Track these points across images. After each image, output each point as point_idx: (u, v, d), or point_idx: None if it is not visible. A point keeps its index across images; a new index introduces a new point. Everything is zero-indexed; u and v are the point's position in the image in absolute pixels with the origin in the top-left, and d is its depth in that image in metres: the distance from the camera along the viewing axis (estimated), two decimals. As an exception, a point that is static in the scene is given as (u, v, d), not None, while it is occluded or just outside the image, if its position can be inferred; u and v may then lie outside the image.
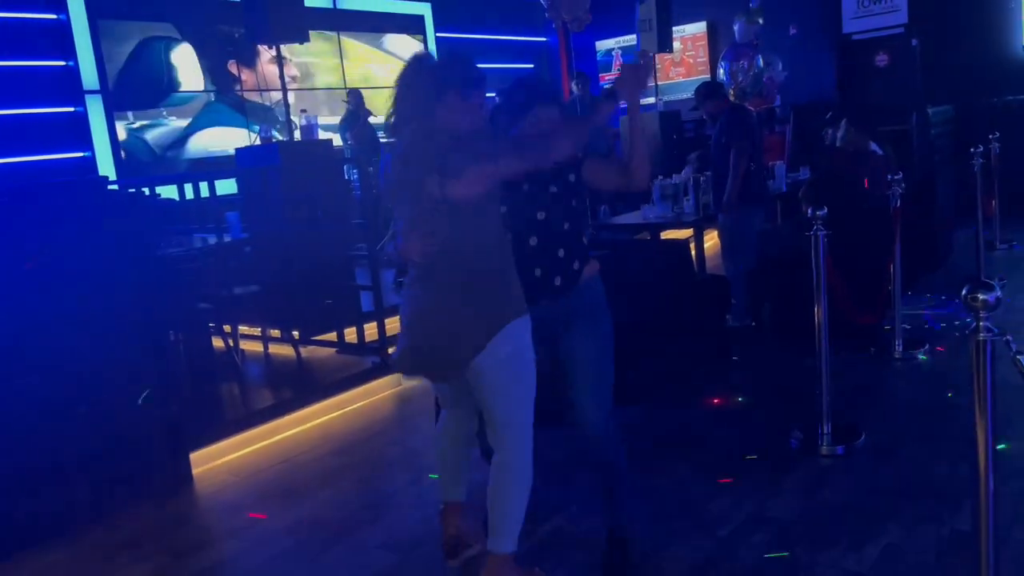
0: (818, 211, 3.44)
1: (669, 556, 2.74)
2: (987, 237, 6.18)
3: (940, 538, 2.67)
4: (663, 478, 3.32)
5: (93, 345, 3.48)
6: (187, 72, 8.79)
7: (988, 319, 1.80)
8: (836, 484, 3.15)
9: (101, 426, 3.49)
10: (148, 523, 3.42)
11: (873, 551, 2.64)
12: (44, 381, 3.33)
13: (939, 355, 4.44)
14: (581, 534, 2.96)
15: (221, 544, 3.23)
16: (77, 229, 3.48)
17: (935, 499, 2.91)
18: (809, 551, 2.69)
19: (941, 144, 7.92)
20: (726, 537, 2.83)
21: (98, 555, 3.18)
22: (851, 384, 4.06)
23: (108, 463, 3.51)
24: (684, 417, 3.98)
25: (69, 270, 3.42)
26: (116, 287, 3.58)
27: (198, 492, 3.71)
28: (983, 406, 1.81)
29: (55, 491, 3.36)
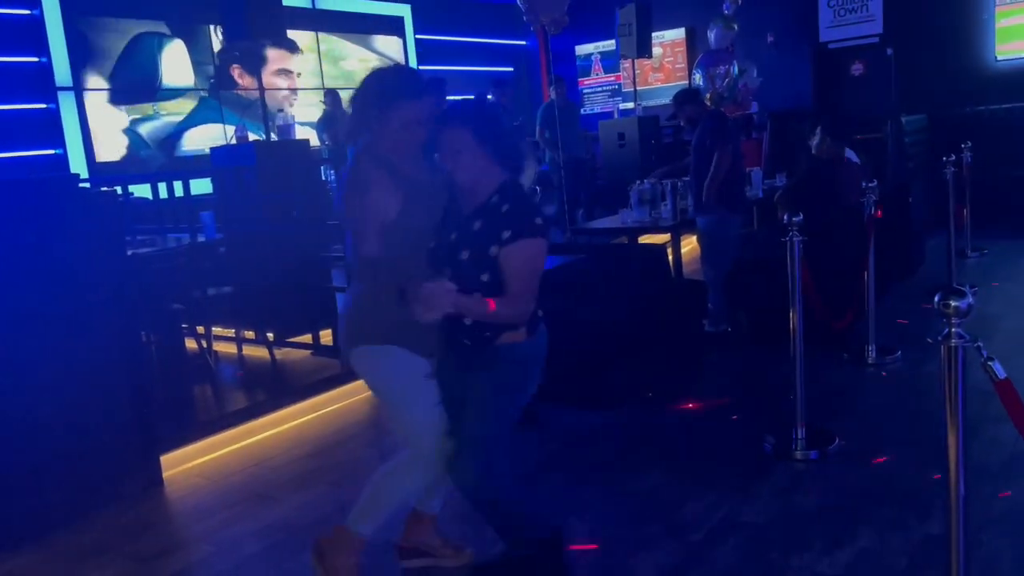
0: (794, 217, 3.46)
1: (641, 561, 2.73)
2: (959, 245, 6.25)
3: (912, 542, 2.68)
4: (636, 482, 3.32)
5: (63, 346, 3.41)
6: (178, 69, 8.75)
7: (959, 325, 1.81)
8: (809, 488, 3.16)
9: (71, 429, 3.42)
10: (116, 527, 3.36)
11: (846, 555, 2.65)
12: (12, 383, 3.26)
13: (911, 361, 4.48)
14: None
15: (189, 549, 3.18)
16: (46, 227, 3.42)
17: (907, 504, 2.93)
18: (782, 555, 2.69)
19: (915, 152, 8.02)
20: (699, 541, 2.83)
21: (65, 559, 3.12)
22: (825, 389, 4.09)
23: (78, 466, 3.44)
24: (658, 421, 3.99)
25: (37, 269, 3.36)
26: (86, 287, 3.51)
27: (168, 495, 3.66)
28: (954, 411, 1.82)
29: (23, 494, 3.29)
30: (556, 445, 3.79)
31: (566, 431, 3.95)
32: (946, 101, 8.57)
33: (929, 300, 5.64)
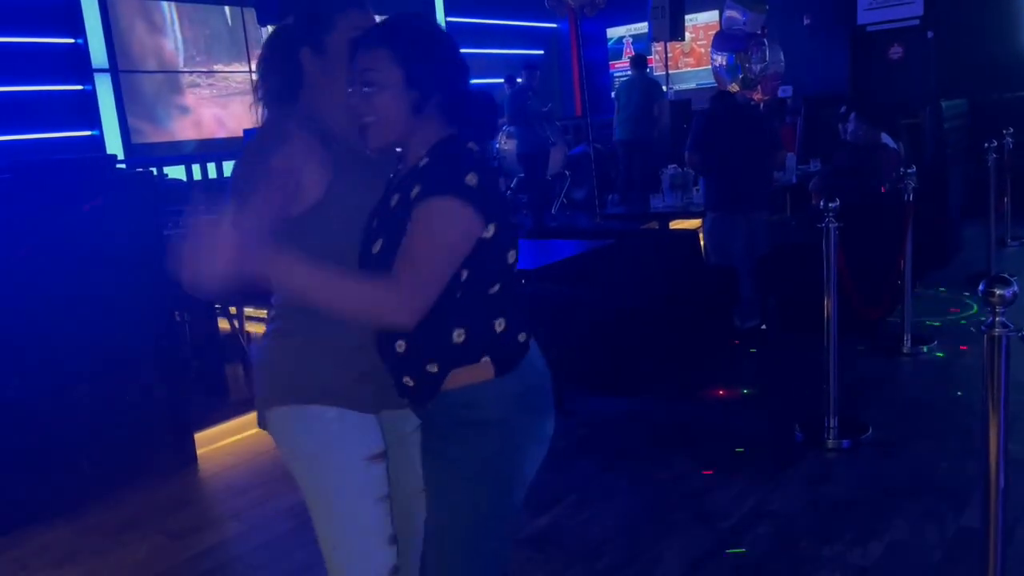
0: (830, 203, 3.40)
1: (668, 548, 2.72)
2: (998, 233, 6.12)
3: (945, 535, 2.64)
4: (664, 470, 3.30)
5: (99, 325, 3.47)
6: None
7: (1004, 314, 1.77)
8: (841, 479, 3.12)
9: (106, 406, 3.48)
10: (150, 503, 3.42)
11: (878, 547, 2.62)
12: (50, 360, 3.32)
13: (948, 351, 4.40)
14: (578, 526, 2.94)
15: (222, 525, 3.23)
16: (83, 205, 3.46)
17: (941, 496, 2.88)
18: (813, 545, 2.67)
19: (954, 139, 7.85)
20: (727, 530, 2.81)
21: (99, 534, 3.18)
22: (858, 379, 4.04)
23: (112, 443, 3.51)
24: (687, 408, 3.96)
25: (75, 249, 3.41)
26: (122, 267, 3.56)
27: (201, 473, 3.71)
28: (996, 402, 1.79)
29: (59, 470, 3.36)
30: (584, 431, 3.78)
31: (594, 417, 3.94)
32: (987, 86, 8.37)
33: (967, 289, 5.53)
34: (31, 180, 3.41)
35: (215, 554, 3.00)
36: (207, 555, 2.98)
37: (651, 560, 2.67)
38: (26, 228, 3.28)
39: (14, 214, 3.27)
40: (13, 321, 3.23)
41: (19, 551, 3.10)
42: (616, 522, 2.93)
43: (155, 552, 3.02)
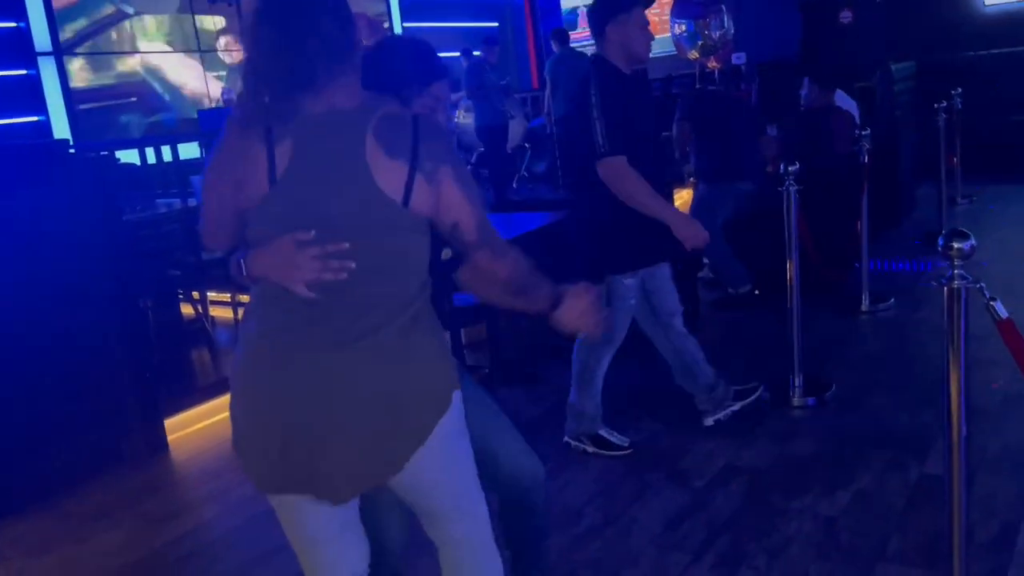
0: (790, 167, 3.46)
1: (646, 508, 2.79)
2: (949, 192, 6.28)
3: (909, 483, 2.74)
4: (637, 433, 3.36)
5: (62, 314, 3.41)
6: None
7: (962, 267, 1.83)
8: (807, 434, 3.22)
9: (72, 394, 3.44)
10: (123, 490, 3.39)
11: (845, 496, 2.71)
12: (13, 351, 3.26)
13: (905, 307, 4.53)
14: (555, 492, 2.98)
15: (198, 509, 3.22)
16: (39, 194, 3.38)
17: (903, 446, 2.99)
18: (783, 498, 2.75)
19: (904, 100, 7.99)
20: (701, 488, 2.89)
21: (73, 522, 3.16)
22: (820, 338, 4.13)
23: (83, 431, 3.46)
24: (656, 372, 4.01)
25: (32, 238, 3.33)
26: (83, 254, 3.50)
27: (174, 458, 3.69)
28: (956, 352, 1.85)
29: (30, 460, 3.32)
30: (557, 399, 3.82)
31: (566, 385, 3.97)
32: (935, 48, 8.52)
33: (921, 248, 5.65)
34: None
35: (191, 538, 2.99)
36: (183, 539, 2.98)
37: (628, 521, 2.73)
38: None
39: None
40: (-29, 313, 3.17)
41: (-8, 544, 3.06)
42: (592, 486, 2.99)
43: (131, 538, 3.00)
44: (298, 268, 1.44)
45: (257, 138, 1.48)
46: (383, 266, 1.50)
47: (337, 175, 1.47)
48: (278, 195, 1.48)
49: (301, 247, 1.44)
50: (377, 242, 1.48)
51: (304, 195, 1.47)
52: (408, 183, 1.47)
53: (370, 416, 1.50)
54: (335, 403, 1.48)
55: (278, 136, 1.47)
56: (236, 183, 1.51)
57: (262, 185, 1.48)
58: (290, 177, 1.47)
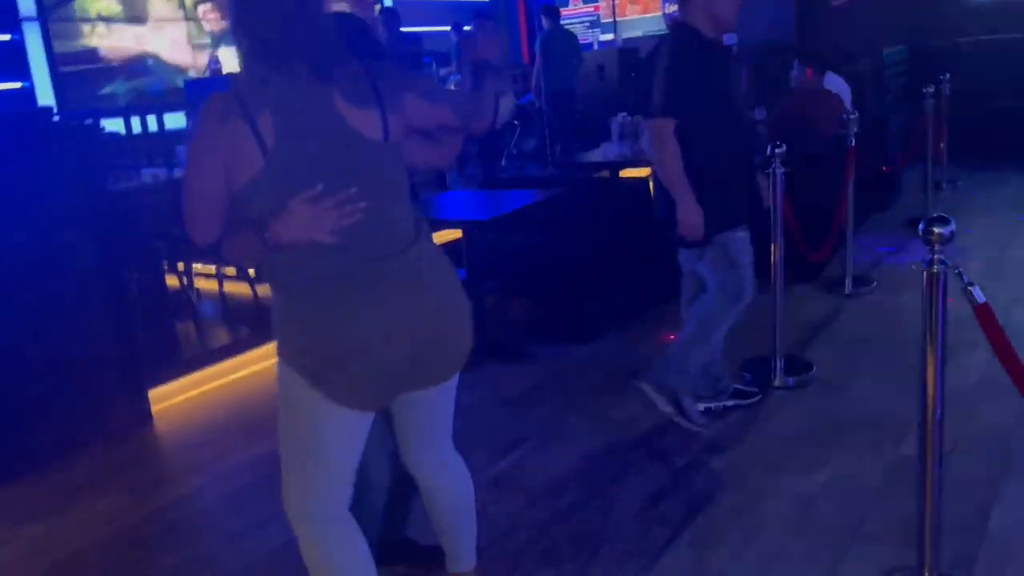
0: (777, 148, 3.47)
1: (626, 486, 2.82)
2: (935, 177, 6.32)
3: (886, 463, 2.79)
4: (620, 411, 3.39)
5: (45, 284, 3.39)
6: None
7: (942, 252, 1.85)
8: (787, 415, 3.26)
9: (56, 365, 3.42)
10: (108, 461, 3.40)
11: (823, 476, 2.76)
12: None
13: (887, 291, 4.57)
14: (538, 467, 3.02)
15: (181, 481, 3.23)
16: (22, 163, 3.35)
17: (881, 428, 3.03)
18: (761, 478, 2.79)
19: (894, 85, 8.01)
20: (682, 466, 2.92)
21: (58, 493, 3.17)
22: (803, 320, 4.17)
23: (66, 403, 3.46)
24: (642, 352, 4.05)
25: (15, 207, 3.30)
26: (67, 224, 3.47)
27: (157, 430, 3.69)
28: (934, 336, 1.88)
29: (13, 432, 3.31)
30: (542, 377, 3.86)
31: (552, 363, 4.01)
32: (928, 34, 8.53)
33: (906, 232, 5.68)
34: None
35: (176, 509, 3.01)
36: (168, 510, 2.99)
37: (610, 497, 2.77)
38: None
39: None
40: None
41: (-25, 512, 3.07)
42: (575, 463, 3.02)
43: (116, 509, 3.01)
44: (320, 221, 1.61)
45: (237, 116, 1.59)
46: (386, 194, 1.72)
47: (321, 135, 1.64)
48: (273, 166, 1.60)
49: (315, 203, 1.60)
50: (376, 178, 1.70)
51: (298, 160, 1.62)
52: (384, 122, 1.69)
53: (441, 316, 1.78)
54: (416, 304, 1.73)
55: (256, 111, 1.59)
56: (223, 162, 1.61)
57: (255, 160, 1.59)
58: (281, 148, 1.60)
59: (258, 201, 1.63)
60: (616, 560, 2.42)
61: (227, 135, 1.59)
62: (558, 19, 8.27)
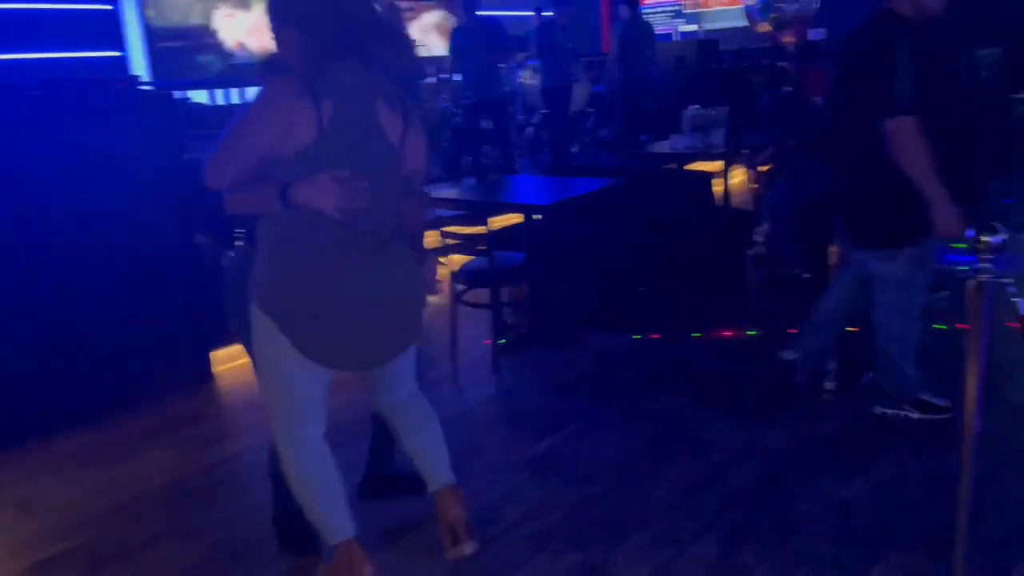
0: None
1: (663, 477, 2.83)
2: (1022, 186, 6.04)
3: (930, 474, 2.73)
4: (664, 404, 3.40)
5: (123, 244, 3.58)
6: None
7: (991, 261, 1.81)
8: (834, 419, 3.21)
9: (130, 321, 3.63)
10: (170, 415, 3.58)
11: (863, 482, 2.72)
12: (77, 277, 3.45)
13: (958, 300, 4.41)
14: (575, 453, 3.06)
15: (236, 438, 3.38)
16: (109, 128, 3.54)
17: (929, 437, 2.96)
18: (801, 478, 2.77)
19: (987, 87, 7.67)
20: (719, 463, 2.92)
21: (124, 441, 3.36)
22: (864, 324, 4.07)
23: (136, 357, 3.67)
24: (692, 348, 4.04)
25: (100, 169, 3.49)
26: (145, 188, 3.65)
27: (218, 389, 3.87)
28: (976, 345, 1.84)
29: (87, 380, 3.53)
30: (590, 365, 3.89)
31: (600, 352, 4.03)
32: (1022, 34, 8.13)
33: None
34: (55, 97, 3.47)
35: (229, 465, 3.16)
36: (222, 465, 3.15)
37: (643, 487, 2.78)
38: (51, 145, 3.36)
39: (39, 130, 3.35)
40: (43, 241, 3.34)
41: (49, 455, 3.28)
42: (613, 451, 3.04)
43: (174, 460, 3.19)
44: (334, 198, 1.89)
45: (307, 97, 1.88)
46: (387, 194, 2.04)
47: (363, 129, 1.97)
48: (324, 141, 1.91)
49: (338, 182, 1.88)
50: (387, 178, 2.02)
51: (344, 143, 1.94)
52: (403, 135, 2.03)
53: (405, 303, 2.14)
54: (389, 290, 2.07)
55: (322, 96, 1.89)
56: (283, 135, 1.89)
57: (309, 134, 1.89)
58: (334, 128, 1.92)
59: (298, 166, 1.90)
60: (644, 547, 2.45)
61: (293, 110, 1.87)
62: (637, 8, 8.19)
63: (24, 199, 3.30)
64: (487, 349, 3.94)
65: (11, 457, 3.25)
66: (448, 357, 4.03)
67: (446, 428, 2.84)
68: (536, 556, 2.43)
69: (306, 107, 1.87)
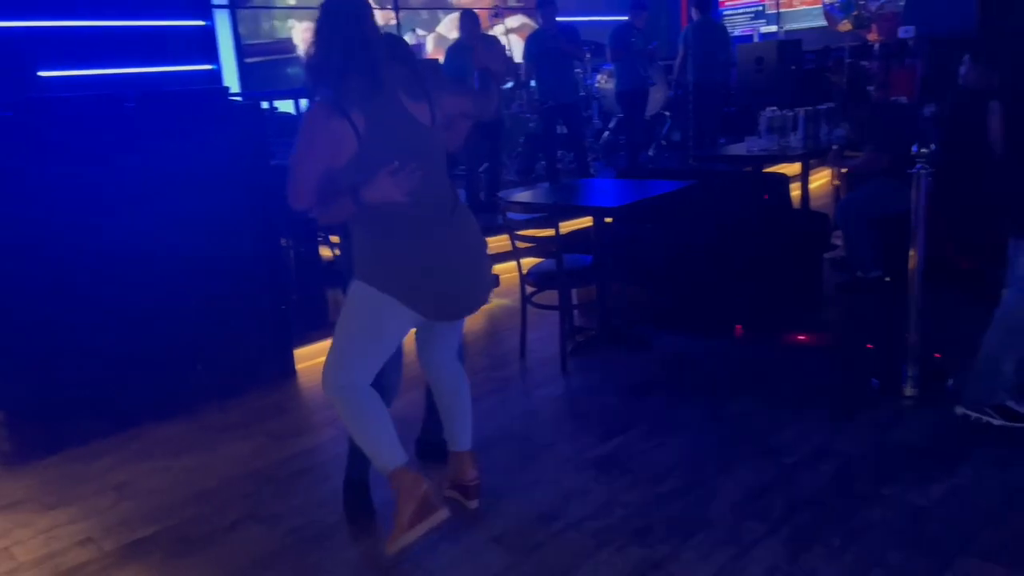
0: (923, 148, 3.32)
1: (729, 478, 2.83)
2: None
3: (1009, 483, 2.64)
4: (735, 407, 3.38)
5: (213, 245, 3.78)
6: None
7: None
8: (912, 425, 3.13)
9: (218, 319, 3.82)
10: (254, 408, 3.76)
11: (939, 489, 2.65)
12: (169, 276, 3.66)
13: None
14: (643, 453, 3.07)
15: (316, 432, 3.53)
16: (200, 136, 3.74)
17: (1012, 446, 2.86)
18: (873, 484, 2.72)
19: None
20: (789, 465, 2.89)
21: (210, 431, 3.55)
22: (947, 329, 3.95)
23: (223, 352, 3.86)
24: (766, 351, 3.99)
25: (191, 174, 3.69)
26: (234, 193, 3.85)
27: (300, 384, 4.04)
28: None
29: (178, 374, 3.74)
30: (660, 366, 3.89)
31: (671, 354, 4.03)
32: None
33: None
34: (153, 109, 3.70)
35: (309, 455, 3.30)
36: (302, 456, 3.29)
37: (711, 488, 2.78)
38: (149, 154, 3.58)
39: (138, 140, 3.58)
40: (137, 241, 3.56)
41: (143, 442, 3.50)
42: (681, 452, 3.05)
43: (257, 450, 3.35)
44: (397, 186, 2.23)
45: (338, 116, 2.24)
46: (437, 166, 2.43)
47: (396, 123, 2.33)
48: (366, 149, 2.28)
49: (393, 174, 2.22)
50: (427, 154, 2.37)
51: (381, 143, 2.29)
52: (432, 113, 2.40)
53: (478, 259, 2.55)
54: (463, 246, 2.48)
55: (350, 111, 2.25)
56: (331, 151, 2.26)
57: (352, 145, 2.26)
58: (370, 134, 2.27)
59: (355, 172, 2.27)
60: (708, 547, 2.45)
61: (333, 130, 2.24)
62: (708, 11, 8.10)
63: (126, 205, 3.52)
64: (556, 350, 3.99)
65: (111, 444, 3.48)
66: (518, 357, 4.10)
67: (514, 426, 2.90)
68: (598, 552, 2.46)
69: (342, 125, 2.24)
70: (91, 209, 3.43)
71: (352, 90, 2.26)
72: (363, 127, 2.26)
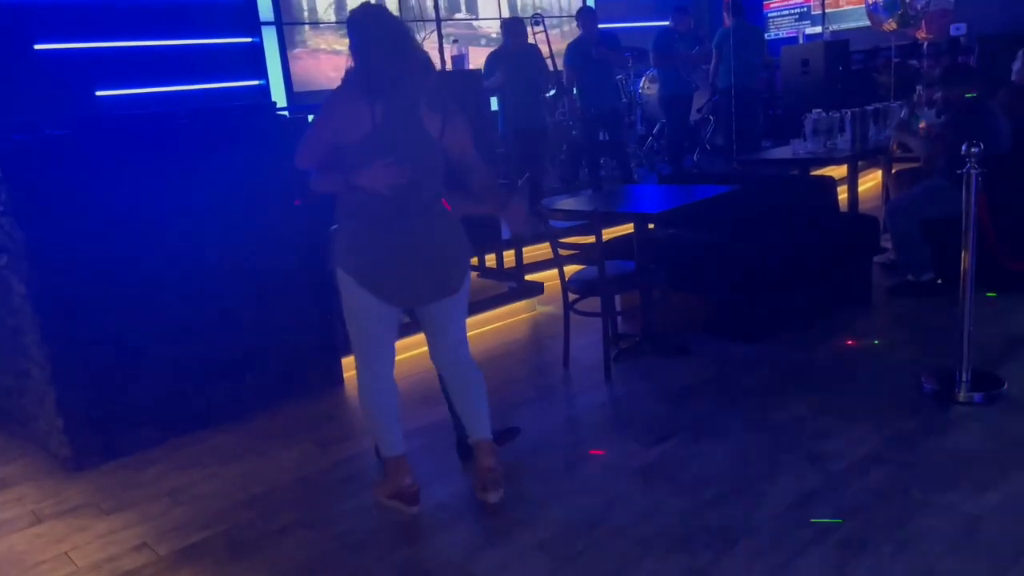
0: (972, 148, 3.24)
1: (775, 485, 2.79)
2: None
3: (1069, 491, 2.56)
4: (781, 413, 3.33)
5: (260, 256, 3.86)
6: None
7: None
8: (966, 431, 3.05)
9: (266, 329, 3.90)
10: (301, 416, 3.83)
11: (994, 497, 2.58)
12: (219, 287, 3.75)
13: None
14: (687, 460, 3.05)
15: (361, 439, 3.57)
16: (248, 149, 3.83)
17: (1073, 453, 2.77)
18: (925, 491, 2.66)
19: None
20: (838, 472, 2.84)
21: (259, 438, 3.63)
22: (999, 333, 3.85)
23: (271, 361, 3.94)
24: (813, 356, 3.93)
25: (241, 187, 3.78)
26: (282, 205, 3.93)
27: (346, 393, 4.10)
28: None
29: (228, 384, 3.83)
30: (704, 373, 3.86)
31: (715, 360, 3.99)
32: None
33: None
34: (203, 125, 3.80)
35: (355, 462, 3.35)
36: (348, 462, 3.34)
37: (756, 495, 2.75)
38: (199, 168, 3.68)
39: (189, 155, 3.68)
40: (187, 251, 3.67)
41: (195, 449, 3.59)
42: (726, 459, 3.02)
43: (304, 457, 3.41)
44: (384, 178, 2.51)
45: (363, 102, 2.52)
46: (429, 172, 2.65)
47: (407, 125, 2.59)
48: (377, 134, 2.54)
49: (386, 166, 2.49)
50: (428, 160, 2.63)
51: (389, 138, 2.54)
52: (442, 128, 2.65)
53: (442, 254, 2.69)
54: (427, 241, 2.64)
55: (376, 101, 2.53)
56: (346, 127, 2.53)
57: (365, 129, 2.53)
58: (384, 125, 2.54)
59: (356, 155, 2.53)
60: (752, 555, 2.42)
61: (353, 111, 2.52)
62: (741, 14, 8.01)
63: (178, 218, 3.62)
64: (600, 356, 3.98)
65: (165, 451, 3.58)
66: (561, 364, 4.10)
67: (557, 433, 2.88)
68: (642, 559, 2.45)
69: (364, 108, 2.51)
70: (145, 223, 3.54)
71: (384, 87, 2.53)
72: (380, 117, 2.52)
